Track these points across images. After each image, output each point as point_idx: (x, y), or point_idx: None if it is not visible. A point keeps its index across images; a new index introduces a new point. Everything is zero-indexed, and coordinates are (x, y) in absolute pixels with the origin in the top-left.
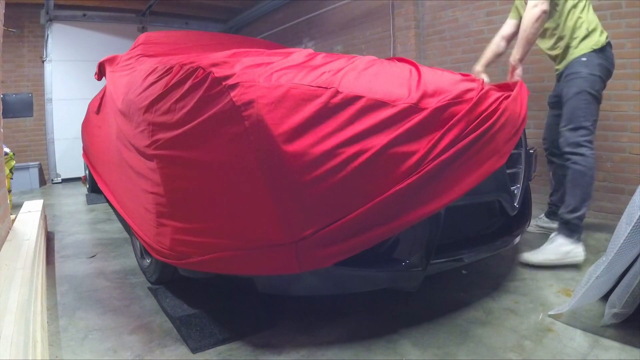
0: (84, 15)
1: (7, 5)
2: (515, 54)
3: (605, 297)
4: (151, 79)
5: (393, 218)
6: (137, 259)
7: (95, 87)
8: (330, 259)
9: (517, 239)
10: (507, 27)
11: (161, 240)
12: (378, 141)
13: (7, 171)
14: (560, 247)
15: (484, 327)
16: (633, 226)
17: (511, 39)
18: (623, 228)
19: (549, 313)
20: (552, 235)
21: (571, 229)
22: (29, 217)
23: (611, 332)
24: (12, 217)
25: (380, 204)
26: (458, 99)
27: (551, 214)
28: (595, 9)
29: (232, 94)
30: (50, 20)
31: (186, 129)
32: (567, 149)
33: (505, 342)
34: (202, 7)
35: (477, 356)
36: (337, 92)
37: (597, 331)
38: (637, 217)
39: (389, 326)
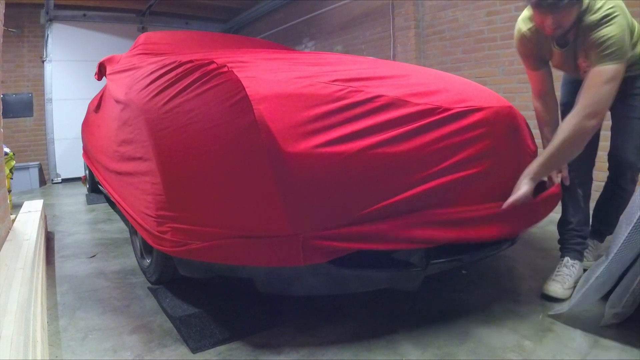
0: (84, 15)
1: (7, 5)
2: (536, 171)
3: (605, 297)
4: (158, 73)
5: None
6: (137, 259)
7: (95, 87)
8: (335, 253)
9: (517, 239)
10: (538, 83)
11: (161, 229)
12: (394, 141)
13: (7, 171)
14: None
15: (484, 327)
16: (633, 226)
17: (552, 87)
18: (623, 228)
19: (549, 313)
20: (588, 241)
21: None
22: (29, 217)
23: (611, 332)
24: (12, 217)
25: (388, 207)
26: (481, 109)
27: None
28: None
29: (245, 86)
30: (50, 20)
31: (193, 118)
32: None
33: (505, 342)
34: (202, 7)
35: (477, 356)
36: (355, 91)
37: (597, 331)
38: (637, 217)
39: (389, 326)
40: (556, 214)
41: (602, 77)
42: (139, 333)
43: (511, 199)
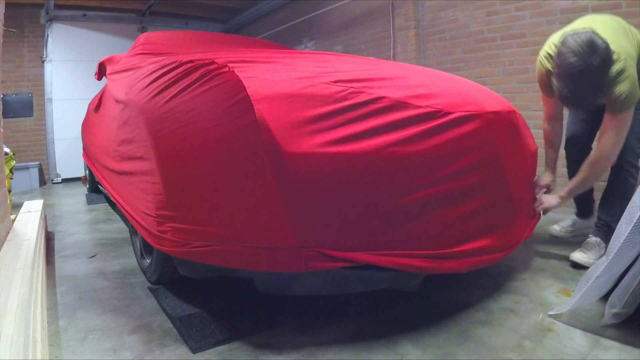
0: (84, 15)
1: (7, 5)
2: (565, 195)
3: (605, 297)
4: (158, 73)
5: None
6: (137, 259)
7: (95, 87)
8: (338, 263)
9: None
10: (550, 108)
11: (162, 229)
12: (395, 143)
13: (7, 171)
14: (601, 250)
15: (484, 327)
16: (633, 226)
17: (561, 114)
18: (623, 228)
19: (549, 313)
20: (591, 237)
21: (609, 233)
22: (29, 217)
23: (611, 332)
24: (12, 217)
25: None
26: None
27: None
28: (595, 9)
29: (246, 85)
30: (50, 20)
31: (193, 118)
32: (630, 159)
33: (505, 342)
34: (202, 7)
35: (477, 356)
36: (356, 92)
37: (597, 331)
38: (637, 217)
39: (389, 326)
40: (555, 214)
41: (616, 123)
42: (139, 333)
43: (543, 205)
